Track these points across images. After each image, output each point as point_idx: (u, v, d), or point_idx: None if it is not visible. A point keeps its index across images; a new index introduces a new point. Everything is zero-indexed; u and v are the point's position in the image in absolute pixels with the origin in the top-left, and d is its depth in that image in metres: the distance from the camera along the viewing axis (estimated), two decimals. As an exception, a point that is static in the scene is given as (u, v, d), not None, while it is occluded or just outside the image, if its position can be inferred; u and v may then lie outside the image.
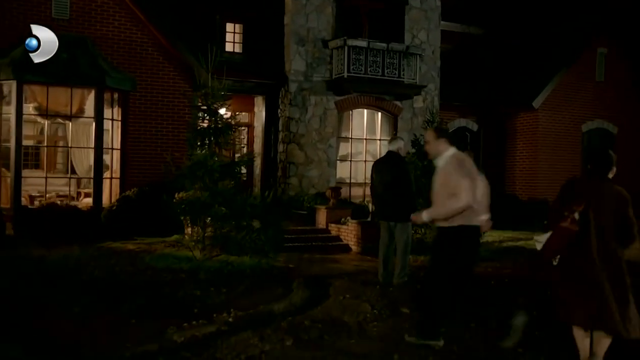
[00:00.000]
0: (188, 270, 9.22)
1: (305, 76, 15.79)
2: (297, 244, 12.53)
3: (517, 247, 12.90)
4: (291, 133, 15.69)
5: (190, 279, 8.64)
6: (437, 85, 17.61)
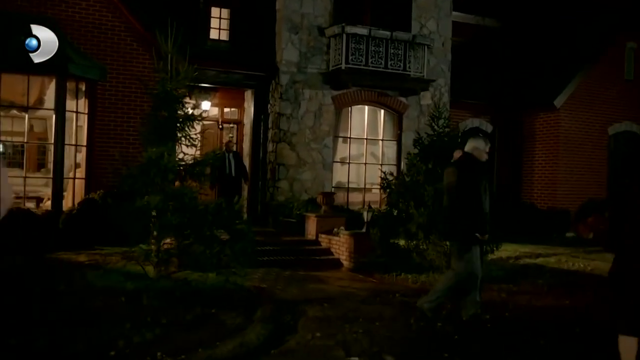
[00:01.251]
0: (132, 291, 7.54)
1: (298, 67, 14.09)
2: (280, 257, 10.86)
3: (535, 265, 11.08)
4: (281, 131, 13.98)
5: (129, 305, 6.96)
6: (448, 80, 15.84)
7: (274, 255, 10.92)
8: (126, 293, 7.43)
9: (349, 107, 14.90)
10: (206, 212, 7.87)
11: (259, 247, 11.13)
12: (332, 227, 11.76)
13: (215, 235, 8.23)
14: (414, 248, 9.63)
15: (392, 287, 8.98)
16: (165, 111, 8.56)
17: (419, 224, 9.38)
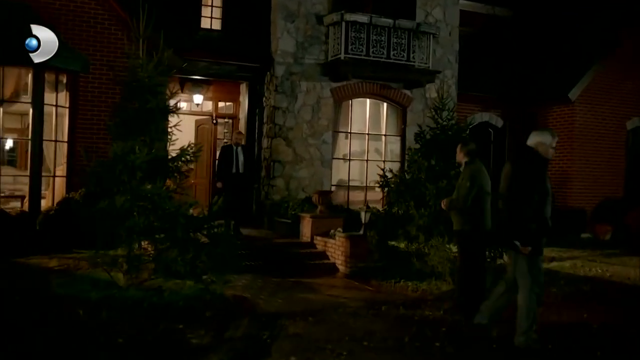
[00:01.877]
0: (95, 302, 6.76)
1: (294, 58, 13.22)
2: (270, 261, 10.01)
3: (548, 271, 10.15)
4: (277, 125, 13.13)
5: (87, 319, 6.15)
6: (455, 72, 14.92)
7: (263, 260, 10.09)
8: (88, 304, 6.64)
9: (349, 101, 14.02)
10: (177, 214, 7.04)
11: (248, 251, 10.34)
12: (329, 229, 10.91)
13: (192, 239, 7.42)
14: (414, 252, 8.75)
15: (389, 297, 8.13)
16: (137, 102, 7.73)
17: (419, 225, 8.51)
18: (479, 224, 7.02)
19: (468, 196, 6.91)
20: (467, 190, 6.94)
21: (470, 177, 6.99)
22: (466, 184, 6.99)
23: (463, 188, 6.98)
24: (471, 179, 6.97)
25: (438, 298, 7.90)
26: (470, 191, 6.92)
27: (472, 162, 7.18)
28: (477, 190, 6.99)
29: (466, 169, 7.14)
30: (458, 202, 6.98)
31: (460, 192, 6.99)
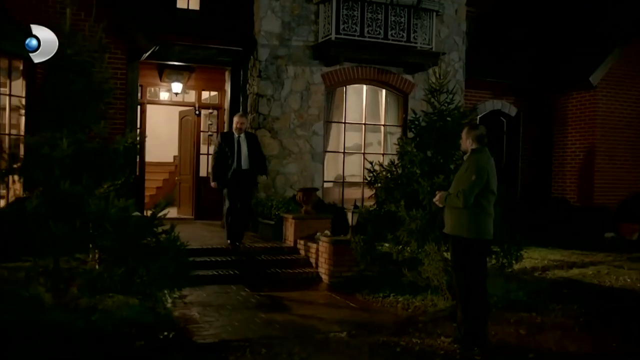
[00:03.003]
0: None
1: (280, 40, 11.82)
2: (244, 271, 8.66)
3: (568, 281, 8.67)
4: (261, 115, 11.74)
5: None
6: (462, 55, 13.43)
7: (238, 268, 8.74)
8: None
9: (343, 87, 12.59)
10: (102, 218, 5.68)
11: (219, 257, 9.01)
12: (315, 231, 9.53)
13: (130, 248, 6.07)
14: (406, 261, 7.32)
15: (374, 316, 6.73)
16: (59, 85, 6.39)
17: (411, 230, 7.08)
18: (481, 231, 5.60)
19: (472, 192, 5.50)
20: (470, 185, 5.52)
21: (477, 169, 5.57)
22: (470, 176, 5.57)
23: (465, 181, 5.56)
24: (478, 171, 5.56)
25: (433, 320, 6.47)
26: (475, 186, 5.51)
27: (480, 151, 5.76)
28: (484, 187, 5.58)
29: (471, 159, 5.72)
30: (457, 198, 5.56)
31: (462, 186, 5.58)
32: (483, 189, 5.55)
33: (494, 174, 5.70)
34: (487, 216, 5.64)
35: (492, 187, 5.64)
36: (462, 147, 5.94)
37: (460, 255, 5.66)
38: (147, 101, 13.51)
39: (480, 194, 5.54)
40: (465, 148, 5.86)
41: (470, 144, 5.77)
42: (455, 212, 5.64)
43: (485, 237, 5.66)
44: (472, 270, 5.59)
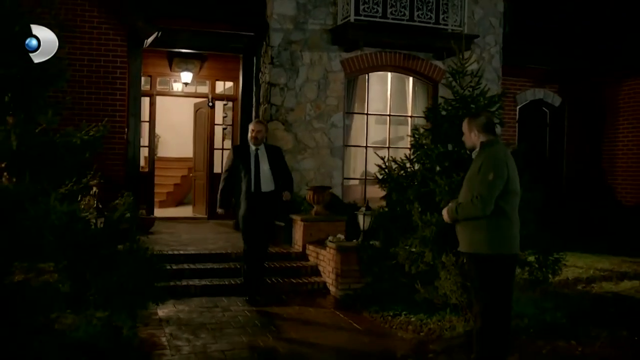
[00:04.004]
0: None
1: (295, 23, 10.76)
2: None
3: (617, 296, 7.36)
4: (273, 106, 10.71)
5: None
6: (499, 39, 12.12)
7: (234, 277, 7.75)
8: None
9: (365, 75, 11.46)
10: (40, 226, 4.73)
11: (216, 264, 8.04)
12: (327, 235, 8.45)
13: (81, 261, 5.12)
14: (419, 274, 6.18)
15: (379, 341, 5.66)
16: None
17: (424, 237, 5.94)
18: (506, 244, 4.46)
19: (491, 195, 4.37)
20: (489, 186, 4.38)
21: (494, 165, 4.45)
22: (487, 175, 4.42)
23: (481, 183, 4.42)
24: (496, 168, 4.43)
25: (447, 349, 5.34)
26: (495, 187, 4.38)
27: (492, 143, 4.62)
28: (504, 188, 4.44)
29: (484, 154, 4.58)
30: (473, 205, 4.42)
31: (477, 190, 4.43)
32: (503, 190, 4.40)
33: (515, 168, 4.56)
34: (511, 224, 4.49)
35: (514, 187, 4.50)
36: (467, 143, 4.79)
37: (481, 278, 4.49)
38: (156, 92, 12.64)
39: (500, 197, 4.40)
40: (471, 143, 4.72)
41: (477, 136, 4.64)
42: (470, 224, 4.50)
43: (512, 251, 4.52)
44: (495, 294, 4.45)
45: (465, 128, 4.69)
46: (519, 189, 4.56)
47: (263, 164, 7.16)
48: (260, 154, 7.20)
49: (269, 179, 7.13)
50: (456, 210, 4.50)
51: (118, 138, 10.26)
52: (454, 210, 4.51)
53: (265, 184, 7.10)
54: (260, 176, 7.10)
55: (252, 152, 7.18)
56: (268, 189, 7.10)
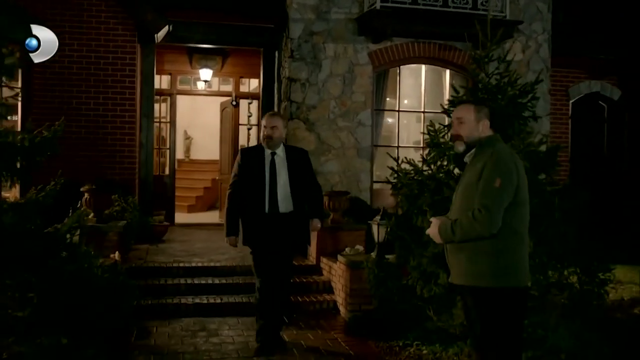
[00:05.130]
0: None
1: (317, 12, 9.87)
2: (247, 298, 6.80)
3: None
4: (293, 104, 9.85)
5: None
6: (548, 25, 10.91)
7: (237, 294, 6.93)
8: None
9: (395, 68, 10.47)
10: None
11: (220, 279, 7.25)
12: (345, 246, 7.52)
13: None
14: (433, 298, 5.18)
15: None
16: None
17: (436, 255, 4.95)
18: (515, 273, 3.44)
19: (499, 207, 3.39)
20: (495, 196, 3.38)
21: (501, 169, 3.44)
22: (492, 182, 3.40)
23: (485, 192, 3.41)
24: (504, 173, 3.43)
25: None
26: (503, 196, 3.40)
27: (493, 142, 3.62)
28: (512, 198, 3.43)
29: (484, 155, 3.57)
30: (475, 221, 3.41)
31: (481, 200, 3.42)
32: (511, 201, 3.40)
33: (524, 174, 3.54)
34: (522, 246, 3.49)
35: (524, 196, 3.49)
36: (468, 137, 3.69)
37: (484, 320, 3.47)
38: (177, 91, 11.97)
39: (507, 210, 3.39)
40: (474, 138, 3.68)
41: (482, 128, 3.62)
42: (467, 248, 3.47)
43: (523, 282, 3.50)
44: (502, 341, 3.44)
45: (470, 116, 3.64)
46: (528, 198, 3.54)
47: (281, 173, 5.33)
48: (277, 160, 5.34)
49: (287, 195, 5.32)
50: (451, 228, 3.48)
51: (128, 140, 9.64)
52: (449, 229, 3.50)
53: (282, 201, 5.30)
54: (278, 191, 5.27)
55: (267, 158, 5.32)
56: (286, 209, 5.31)
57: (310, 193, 5.56)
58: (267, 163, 5.33)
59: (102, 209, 7.48)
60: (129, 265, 7.32)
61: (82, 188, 7.41)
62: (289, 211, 5.33)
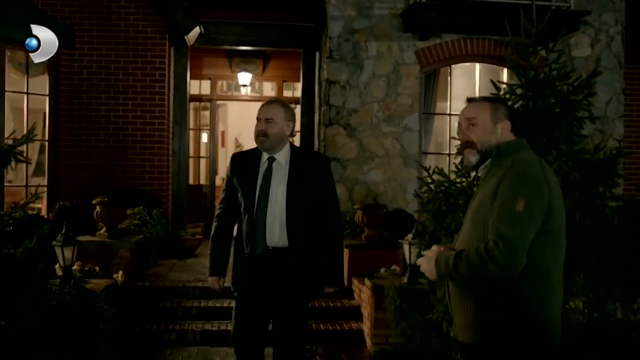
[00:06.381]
0: None
1: (358, 8, 9.08)
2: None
3: None
4: (333, 108, 9.09)
5: None
6: (621, 16, 9.70)
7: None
8: None
9: (446, 67, 9.54)
10: None
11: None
12: (380, 266, 6.68)
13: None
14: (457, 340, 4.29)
15: None
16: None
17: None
18: (540, 327, 2.54)
19: (522, 241, 2.45)
20: (516, 225, 2.46)
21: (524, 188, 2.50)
22: (514, 206, 2.47)
23: (503, 219, 2.47)
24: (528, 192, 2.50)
25: None
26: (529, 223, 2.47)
27: (521, 147, 2.74)
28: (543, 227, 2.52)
29: (502, 167, 2.65)
30: (488, 257, 2.45)
31: (498, 231, 2.49)
32: (540, 230, 2.51)
33: (559, 193, 2.63)
34: (553, 293, 2.59)
35: (557, 223, 2.57)
36: (481, 141, 2.77)
37: None
38: (217, 97, 11.44)
39: (534, 243, 2.50)
40: (486, 142, 2.76)
41: (501, 131, 2.73)
42: (476, 291, 2.58)
43: (552, 341, 2.59)
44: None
45: (485, 116, 2.74)
46: (564, 225, 2.63)
47: (277, 189, 3.73)
48: (275, 168, 3.78)
49: (282, 222, 3.68)
50: (454, 262, 2.59)
51: (158, 148, 9.14)
52: (450, 262, 2.57)
53: (274, 231, 3.69)
54: (267, 214, 3.69)
55: (262, 166, 3.80)
56: (280, 243, 3.69)
57: (322, 229, 3.77)
58: (260, 173, 3.77)
59: (116, 222, 6.94)
60: (140, 285, 6.77)
61: (94, 200, 6.90)
62: (281, 246, 3.68)
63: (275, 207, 3.68)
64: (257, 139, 3.74)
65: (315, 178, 3.77)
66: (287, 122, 3.78)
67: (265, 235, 3.67)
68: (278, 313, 3.69)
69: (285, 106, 3.84)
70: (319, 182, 3.77)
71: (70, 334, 4.02)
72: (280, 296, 3.67)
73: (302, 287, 3.70)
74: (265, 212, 3.68)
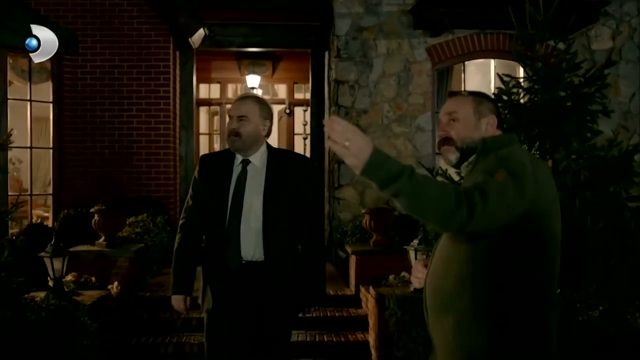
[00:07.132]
0: None
1: (365, 5, 8.78)
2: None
3: None
4: (342, 109, 8.79)
5: None
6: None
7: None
8: None
9: (460, 64, 9.19)
10: None
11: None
12: (388, 273, 6.37)
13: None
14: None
15: None
16: None
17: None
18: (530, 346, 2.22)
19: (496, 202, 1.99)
20: (492, 187, 2.04)
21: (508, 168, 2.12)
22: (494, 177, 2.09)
23: (485, 182, 2.07)
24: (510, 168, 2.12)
25: None
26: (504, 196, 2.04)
27: (503, 143, 2.39)
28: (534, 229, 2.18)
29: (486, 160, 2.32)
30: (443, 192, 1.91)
31: (476, 185, 2.14)
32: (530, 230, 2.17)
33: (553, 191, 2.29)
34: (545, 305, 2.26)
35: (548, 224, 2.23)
36: (461, 137, 2.43)
37: None
38: (226, 100, 11.23)
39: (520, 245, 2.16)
40: (467, 138, 2.43)
41: (485, 126, 2.40)
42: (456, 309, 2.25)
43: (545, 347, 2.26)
44: None
45: (466, 110, 2.41)
46: (559, 230, 2.29)
47: (252, 195, 3.38)
48: (250, 172, 3.43)
49: (257, 232, 3.32)
50: (407, 172, 1.89)
51: (164, 154, 8.93)
52: (396, 167, 1.92)
53: (250, 243, 3.34)
54: (241, 224, 3.34)
55: (235, 170, 3.44)
56: (257, 256, 3.33)
57: (303, 241, 3.44)
58: (233, 177, 3.40)
59: (115, 231, 6.73)
60: (141, 295, 6.56)
61: (92, 209, 6.70)
62: (257, 260, 3.32)
63: (250, 216, 3.32)
64: (228, 138, 3.37)
65: (295, 183, 3.41)
66: (263, 121, 3.42)
67: (239, 247, 3.30)
68: (256, 336, 3.34)
69: (261, 102, 3.49)
70: (299, 187, 3.41)
71: (45, 351, 3.80)
72: (258, 317, 3.32)
73: (281, 306, 3.36)
74: (239, 222, 3.31)
